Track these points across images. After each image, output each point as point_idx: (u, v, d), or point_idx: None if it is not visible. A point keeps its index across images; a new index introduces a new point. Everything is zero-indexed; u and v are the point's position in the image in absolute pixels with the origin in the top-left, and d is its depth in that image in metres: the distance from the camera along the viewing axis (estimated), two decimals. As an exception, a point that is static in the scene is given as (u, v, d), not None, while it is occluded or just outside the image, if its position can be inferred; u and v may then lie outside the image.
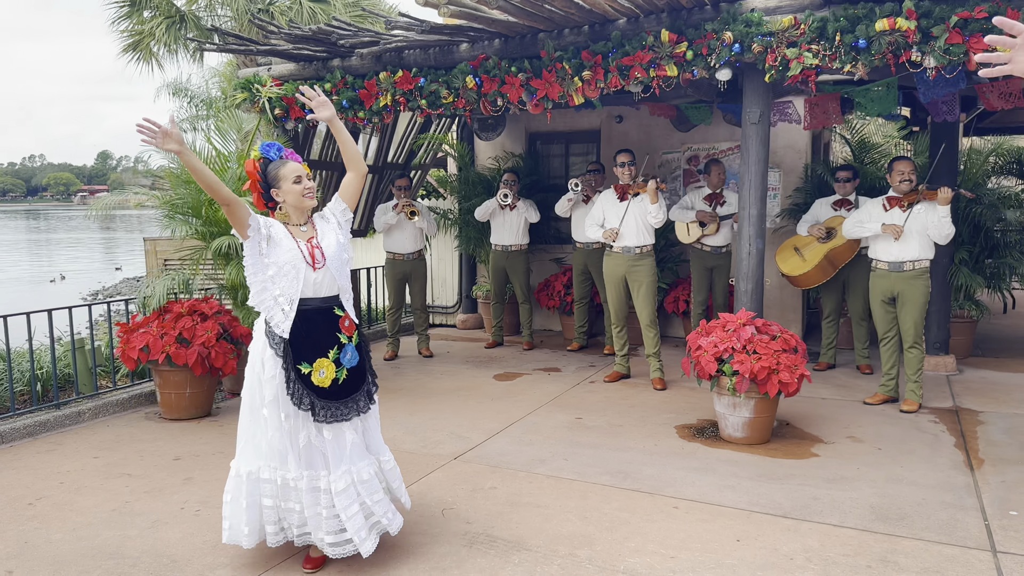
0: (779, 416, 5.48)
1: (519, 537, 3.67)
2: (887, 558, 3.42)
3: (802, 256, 6.60)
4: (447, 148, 9.23)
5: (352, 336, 3.38)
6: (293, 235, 3.32)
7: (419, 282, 7.82)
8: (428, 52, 6.10)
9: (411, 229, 7.63)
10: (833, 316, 6.97)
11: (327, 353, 3.29)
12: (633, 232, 6.39)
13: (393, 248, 7.69)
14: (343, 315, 3.37)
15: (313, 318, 3.29)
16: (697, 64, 5.17)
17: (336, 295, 3.38)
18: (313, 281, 3.29)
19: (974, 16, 4.44)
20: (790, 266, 6.65)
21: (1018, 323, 8.83)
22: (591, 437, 5.19)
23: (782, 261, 6.73)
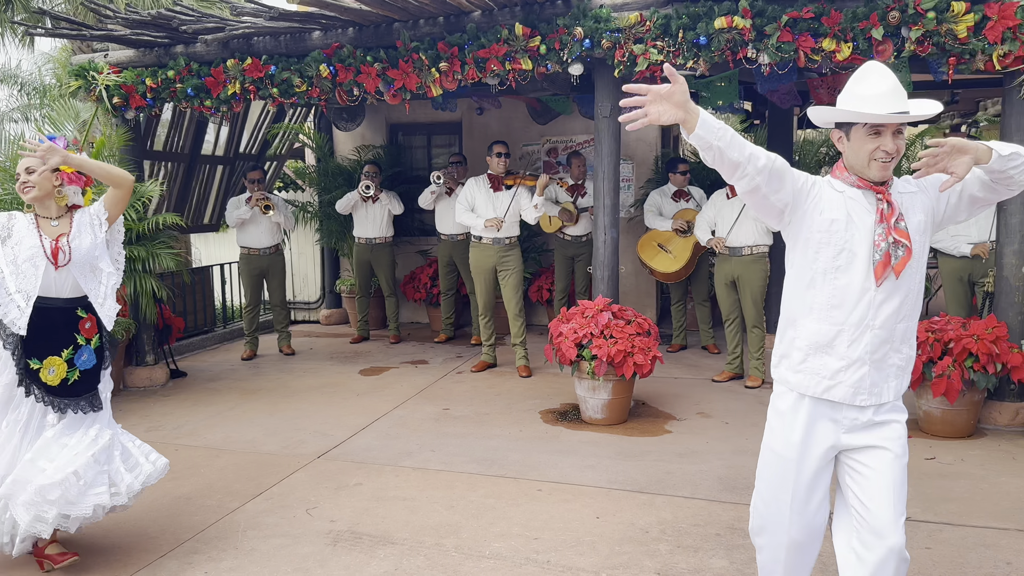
0: (636, 396, 5.73)
1: (385, 531, 3.66)
2: (734, 525, 3.66)
3: (669, 252, 6.89)
4: (304, 139, 8.99)
5: (92, 339, 3.35)
6: (41, 229, 3.24)
7: (277, 278, 7.59)
8: (279, 39, 5.92)
9: (266, 223, 7.38)
10: (681, 300, 7.36)
11: (60, 352, 3.25)
12: (506, 224, 6.47)
13: (248, 243, 7.42)
14: (85, 317, 3.32)
15: (51, 316, 3.24)
16: (550, 58, 5.29)
17: (83, 296, 3.32)
18: (54, 279, 3.22)
19: (802, 16, 4.78)
20: (661, 264, 6.92)
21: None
22: (458, 427, 5.23)
23: (650, 259, 7.00)
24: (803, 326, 2.39)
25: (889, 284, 2.30)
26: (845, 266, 2.31)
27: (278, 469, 4.52)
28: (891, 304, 2.31)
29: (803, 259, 2.37)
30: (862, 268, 2.30)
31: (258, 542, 3.57)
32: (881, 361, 2.33)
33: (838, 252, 2.31)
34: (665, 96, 2.16)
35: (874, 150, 2.27)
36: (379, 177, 7.80)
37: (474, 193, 6.56)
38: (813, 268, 2.35)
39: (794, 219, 2.36)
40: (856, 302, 2.31)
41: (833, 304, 2.33)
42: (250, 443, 5.00)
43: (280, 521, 3.81)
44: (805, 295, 2.38)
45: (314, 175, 8.93)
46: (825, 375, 2.36)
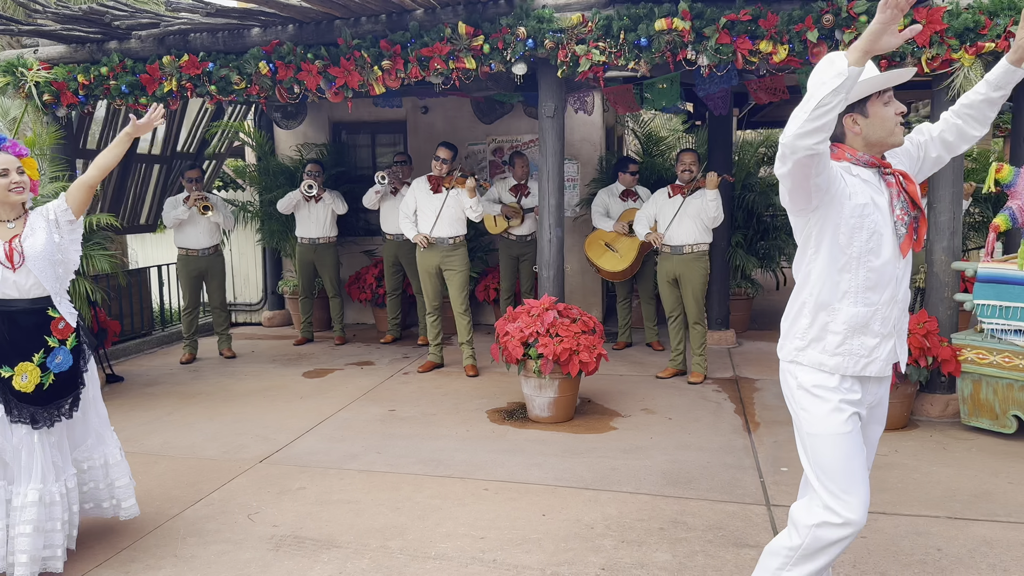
0: (582, 394, 5.77)
1: (329, 535, 3.61)
2: (677, 519, 3.71)
3: (616, 251, 6.95)
4: (244, 137, 8.82)
5: (67, 339, 3.25)
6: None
7: (217, 279, 7.43)
8: (216, 36, 5.80)
9: (205, 223, 7.22)
10: (627, 298, 7.44)
11: (31, 357, 3.16)
12: (447, 224, 6.45)
13: (186, 244, 7.25)
14: (57, 317, 3.23)
15: (18, 320, 3.15)
16: (494, 58, 5.29)
17: (47, 296, 3.21)
18: (14, 282, 3.13)
19: (740, 18, 4.87)
20: (608, 263, 6.98)
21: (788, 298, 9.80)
22: (404, 428, 5.19)
23: (597, 258, 7.05)
24: (839, 310, 2.41)
25: (909, 255, 2.41)
26: (876, 248, 2.37)
27: (219, 474, 4.43)
28: (908, 275, 2.45)
29: (834, 244, 2.38)
30: (890, 247, 2.38)
31: (198, 549, 3.49)
32: (901, 330, 2.49)
33: (871, 235, 2.36)
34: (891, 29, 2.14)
35: (895, 113, 2.38)
36: (322, 176, 7.70)
37: (416, 194, 6.55)
38: (847, 253, 2.38)
39: (822, 203, 2.36)
40: (888, 281, 2.39)
41: (868, 286, 2.38)
42: (189, 448, 4.88)
43: (221, 527, 3.73)
44: (839, 280, 2.40)
45: (255, 174, 8.77)
46: (863, 354, 2.41)
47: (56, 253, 3.20)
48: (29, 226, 3.20)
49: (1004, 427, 4.71)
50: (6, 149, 3.20)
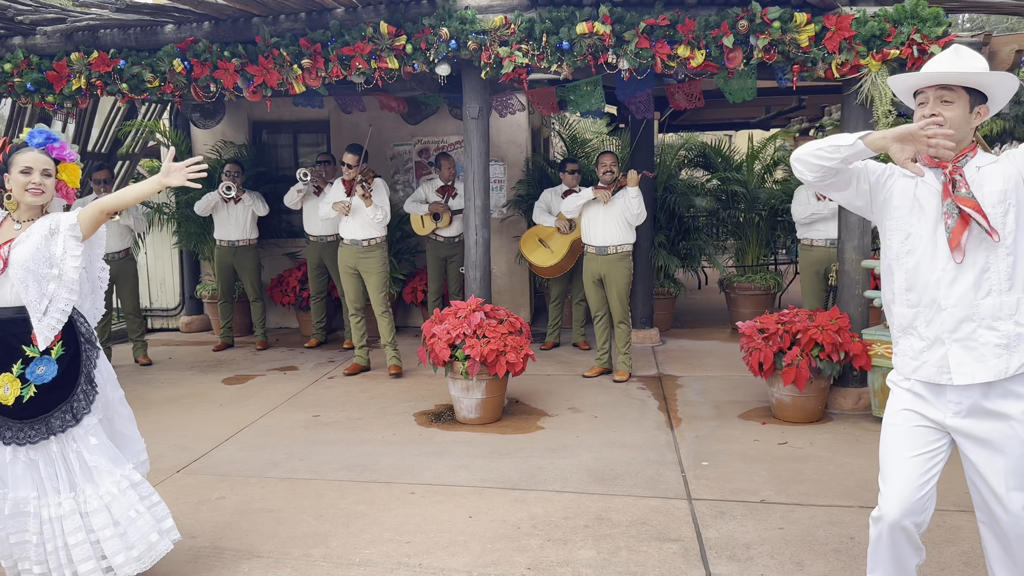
0: (509, 394, 5.78)
1: (249, 545, 3.52)
2: (602, 516, 3.75)
3: (548, 247, 6.98)
4: (160, 136, 8.53)
5: (54, 348, 3.00)
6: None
7: (128, 284, 7.16)
8: (128, 32, 5.60)
9: (115, 226, 6.94)
10: (559, 299, 7.50)
11: (10, 367, 2.94)
12: (360, 226, 6.38)
13: None
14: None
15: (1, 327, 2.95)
16: (417, 58, 5.26)
17: (22, 306, 2.97)
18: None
19: (659, 23, 4.96)
20: (539, 258, 7.00)
21: (709, 297, 10.07)
22: (329, 434, 5.10)
23: (529, 253, 7.07)
24: (892, 311, 2.48)
25: (961, 260, 2.31)
26: (912, 249, 2.39)
27: (133, 486, 4.26)
28: (965, 280, 2.31)
29: (884, 248, 2.50)
30: (928, 249, 2.36)
31: (110, 565, 3.35)
32: (968, 339, 2.32)
33: (905, 237, 2.40)
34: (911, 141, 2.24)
35: (921, 118, 2.33)
36: (241, 177, 7.51)
37: (332, 198, 6.51)
38: (888, 256, 2.46)
39: (875, 212, 2.49)
40: (926, 283, 2.36)
41: (907, 287, 2.41)
42: (102, 460, 4.69)
43: (135, 541, 3.59)
44: (889, 282, 2.48)
45: (171, 175, 8.47)
46: (911, 355, 2.43)
47: (45, 266, 2.94)
48: (27, 232, 2.98)
49: (911, 418, 4.91)
50: (49, 149, 3.03)
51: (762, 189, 8.62)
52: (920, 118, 2.33)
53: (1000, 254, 2.29)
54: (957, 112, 2.32)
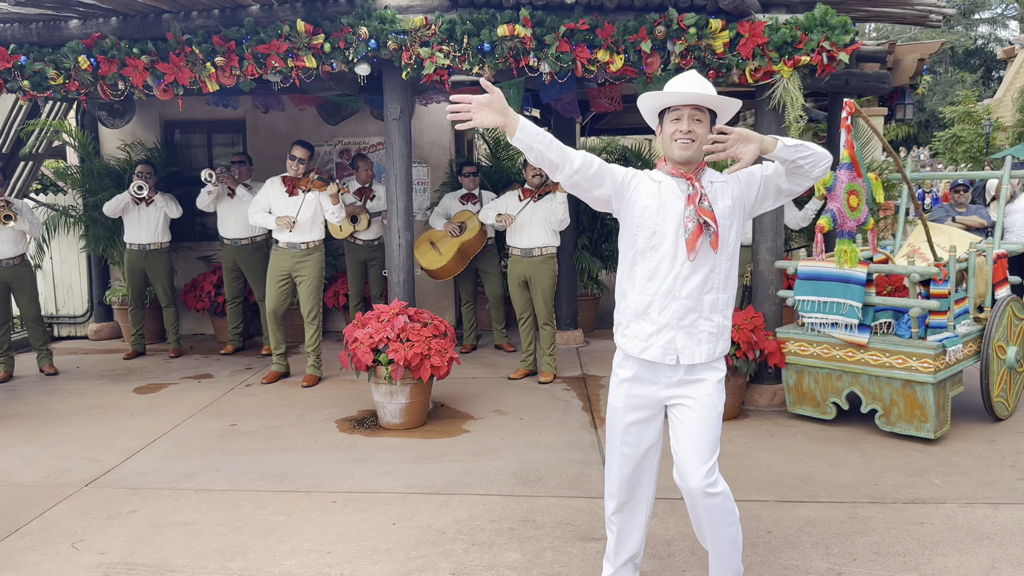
0: (434, 398, 5.73)
1: (163, 559, 3.38)
2: (527, 518, 3.75)
3: (438, 250, 6.94)
4: (66, 136, 8.14)
5: None
6: None
7: (26, 291, 6.79)
8: (29, 27, 5.33)
9: (8, 231, 6.57)
10: (471, 301, 7.49)
11: None
12: (302, 228, 6.21)
13: None
14: None
15: None
16: (335, 57, 5.17)
17: None
18: None
19: (579, 27, 5.01)
20: (428, 260, 6.95)
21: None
22: (246, 443, 4.96)
23: (420, 255, 7.00)
24: (628, 297, 2.75)
25: (694, 259, 2.65)
26: (656, 245, 2.68)
27: (38, 501, 4.05)
28: (696, 277, 2.66)
29: (627, 241, 2.75)
30: (670, 247, 2.66)
31: (9, 588, 3.17)
32: (691, 327, 2.68)
33: (651, 234, 2.67)
34: (486, 104, 2.52)
35: (674, 132, 2.66)
36: (153, 178, 7.24)
37: (269, 195, 6.26)
38: (634, 248, 2.72)
39: (621, 208, 2.73)
40: (665, 276, 2.67)
41: (647, 277, 2.70)
42: (4, 475, 4.44)
43: (41, 559, 3.41)
44: (630, 271, 2.75)
45: (77, 176, 8.11)
46: (641, 337, 2.72)
47: None
48: None
49: (825, 414, 5.10)
50: None
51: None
52: (674, 132, 2.65)
53: (723, 259, 2.69)
54: (705, 129, 2.67)
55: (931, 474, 4.21)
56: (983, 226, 7.97)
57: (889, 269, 4.92)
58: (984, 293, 5.19)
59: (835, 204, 4.60)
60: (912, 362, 4.63)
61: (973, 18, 36.44)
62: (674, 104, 2.67)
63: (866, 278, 4.78)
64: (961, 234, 5.68)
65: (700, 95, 2.64)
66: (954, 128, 25.64)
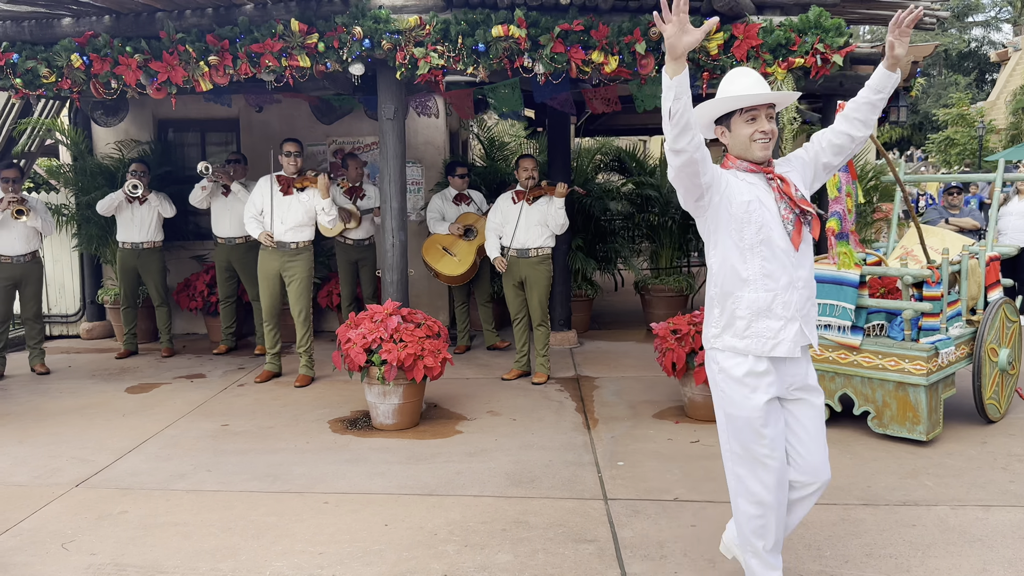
0: (428, 399, 5.72)
1: (154, 560, 3.37)
2: (520, 519, 3.74)
3: (454, 255, 6.94)
4: (58, 135, 8.12)
5: None
6: None
7: (32, 288, 6.81)
8: (22, 25, 5.31)
9: (21, 228, 6.60)
10: (465, 302, 7.48)
11: None
12: (293, 228, 6.20)
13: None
14: None
15: None
16: (329, 56, 5.16)
17: None
18: None
19: (573, 28, 5.01)
20: (448, 267, 6.95)
21: (626, 299, 10.22)
22: (239, 443, 4.94)
23: (435, 262, 7.00)
24: (741, 297, 2.70)
25: (801, 249, 2.70)
26: (767, 239, 2.66)
27: (28, 502, 4.03)
28: (805, 265, 2.72)
29: (728, 239, 2.70)
30: (780, 240, 2.67)
31: (-1, 589, 3.15)
32: (808, 314, 2.74)
33: (758, 228, 2.66)
34: (684, 30, 2.50)
35: (753, 132, 2.67)
36: (147, 176, 7.21)
37: (263, 195, 6.24)
38: (740, 246, 2.68)
39: (712, 202, 2.68)
40: (783, 269, 2.68)
41: (765, 273, 2.68)
42: (-7, 476, 4.43)
43: (31, 559, 3.40)
44: (739, 270, 2.70)
45: (70, 174, 8.08)
46: (769, 336, 2.69)
47: None
48: None
49: (816, 414, 5.09)
50: None
51: (675, 194, 8.79)
52: (755, 132, 2.68)
53: (809, 241, 2.76)
54: (774, 125, 2.73)
55: (923, 476, 4.21)
56: (976, 228, 7.99)
57: (882, 271, 4.93)
58: (977, 296, 5.20)
59: (839, 206, 4.60)
60: (905, 364, 4.64)
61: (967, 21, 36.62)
62: (753, 104, 2.66)
63: (859, 280, 4.79)
64: (954, 236, 5.70)
65: (778, 95, 2.69)
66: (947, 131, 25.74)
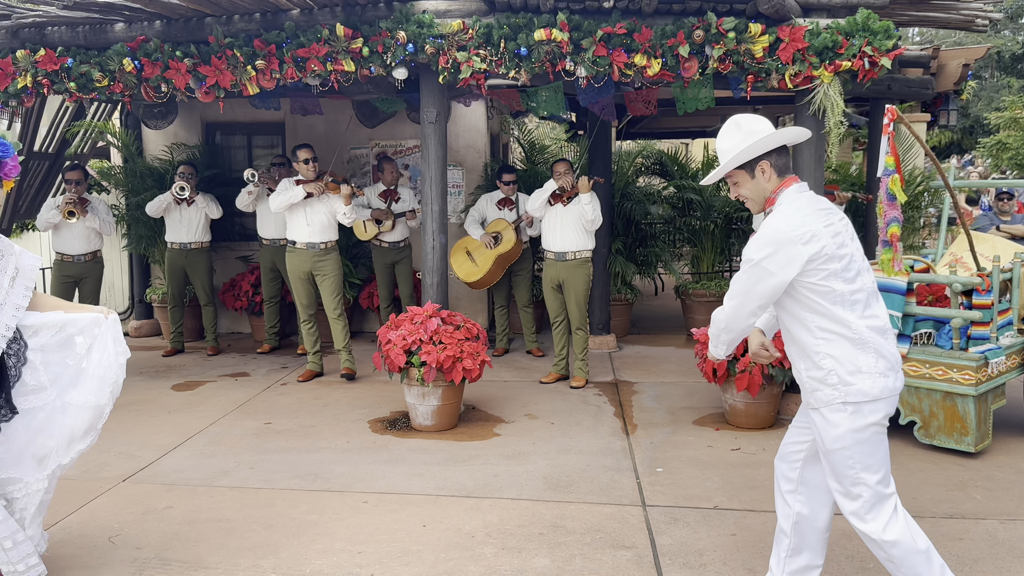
0: (466, 401, 5.74)
1: (197, 556, 3.43)
2: (557, 523, 3.74)
3: (474, 261, 6.96)
4: (110, 137, 8.33)
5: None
6: None
7: (90, 286, 7.09)
8: (76, 30, 5.46)
9: (81, 228, 6.85)
10: (504, 305, 7.49)
11: None
12: (318, 229, 6.29)
13: (62, 249, 6.95)
14: None
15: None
16: (374, 61, 5.22)
17: None
18: None
19: (616, 31, 4.99)
20: (464, 271, 6.98)
21: (666, 303, 10.15)
22: (281, 441, 5.02)
23: (457, 266, 7.03)
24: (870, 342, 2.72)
25: None
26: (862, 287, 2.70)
27: (77, 496, 4.14)
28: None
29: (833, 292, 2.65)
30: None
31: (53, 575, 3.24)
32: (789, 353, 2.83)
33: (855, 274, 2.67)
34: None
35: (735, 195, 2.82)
36: (195, 178, 7.36)
37: (291, 193, 6.33)
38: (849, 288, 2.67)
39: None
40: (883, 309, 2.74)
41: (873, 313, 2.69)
42: (44, 470, 4.54)
43: (79, 552, 3.49)
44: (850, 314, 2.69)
45: (121, 176, 8.29)
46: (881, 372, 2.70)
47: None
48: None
49: (860, 423, 5.00)
50: None
51: (717, 197, 8.72)
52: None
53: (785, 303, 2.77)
54: (747, 186, 2.71)
55: (971, 489, 4.11)
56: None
57: (930, 279, 4.82)
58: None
59: (896, 211, 4.52)
60: (953, 374, 4.53)
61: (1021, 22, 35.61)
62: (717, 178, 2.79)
63: (907, 287, 4.69)
64: (1005, 243, 5.55)
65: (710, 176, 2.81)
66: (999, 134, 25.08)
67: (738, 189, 2.71)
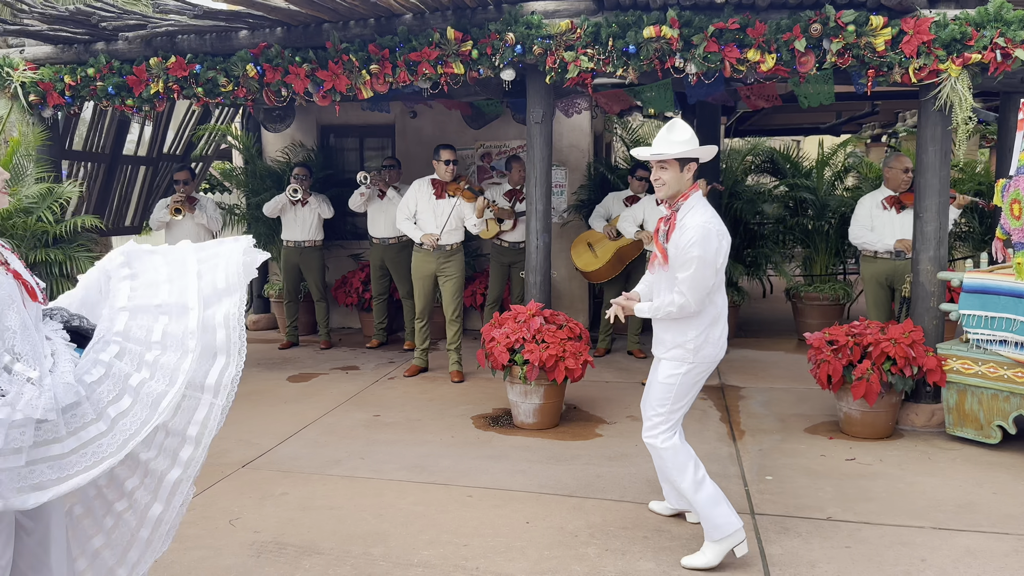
0: (567, 400, 5.75)
1: (311, 541, 3.58)
2: (661, 527, 3.69)
3: (594, 252, 6.95)
4: (232, 139, 8.77)
5: None
6: None
7: None
8: (204, 38, 5.77)
9: (191, 226, 7.20)
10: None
11: None
12: (450, 231, 6.44)
13: (173, 243, 7.24)
14: None
15: None
16: (482, 63, 5.28)
17: None
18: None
19: (728, 27, 4.88)
20: (584, 261, 6.98)
21: (775, 306, 9.86)
22: (389, 433, 5.16)
23: (576, 256, 7.05)
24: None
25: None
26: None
27: (200, 479, 4.33)
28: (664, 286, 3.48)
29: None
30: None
31: (178, 554, 3.44)
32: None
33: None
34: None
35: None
36: (309, 180, 7.66)
37: (416, 197, 6.49)
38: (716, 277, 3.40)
39: None
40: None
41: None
42: (171, 453, 4.83)
43: (202, 533, 3.69)
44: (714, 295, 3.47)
45: (241, 177, 8.72)
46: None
47: None
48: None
49: (988, 437, 4.72)
50: None
51: (832, 196, 8.39)
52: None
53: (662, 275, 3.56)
54: (673, 176, 3.33)
55: (1115, 511, 3.81)
56: None
57: (1070, 284, 4.49)
58: None
59: (1004, 216, 4.27)
60: (1095, 387, 4.21)
61: None
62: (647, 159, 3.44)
63: (1043, 293, 4.39)
64: None
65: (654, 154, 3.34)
66: None
67: (664, 173, 3.30)
